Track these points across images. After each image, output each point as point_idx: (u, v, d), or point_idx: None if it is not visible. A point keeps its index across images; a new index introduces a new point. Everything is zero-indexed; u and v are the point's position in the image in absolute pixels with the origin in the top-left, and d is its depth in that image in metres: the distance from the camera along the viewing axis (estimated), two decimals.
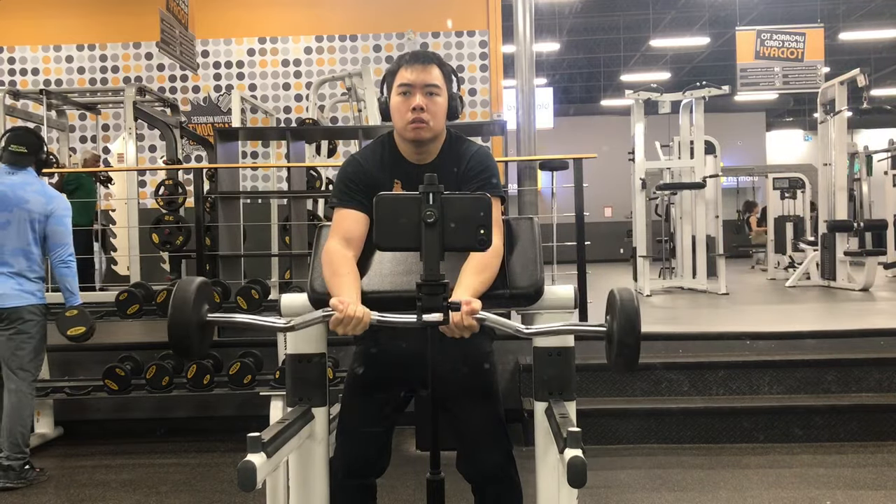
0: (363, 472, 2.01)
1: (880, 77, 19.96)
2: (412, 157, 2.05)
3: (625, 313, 1.66)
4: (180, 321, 1.71)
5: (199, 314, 1.75)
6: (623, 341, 1.66)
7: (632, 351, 1.67)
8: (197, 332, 1.74)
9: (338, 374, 4.08)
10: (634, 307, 1.66)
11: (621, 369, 1.73)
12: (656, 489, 3.51)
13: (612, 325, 1.71)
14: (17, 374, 3.73)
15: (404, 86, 1.97)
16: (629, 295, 1.69)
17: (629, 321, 1.65)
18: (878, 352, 4.51)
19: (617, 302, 1.68)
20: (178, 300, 1.72)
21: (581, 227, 4.86)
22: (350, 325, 1.73)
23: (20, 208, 3.74)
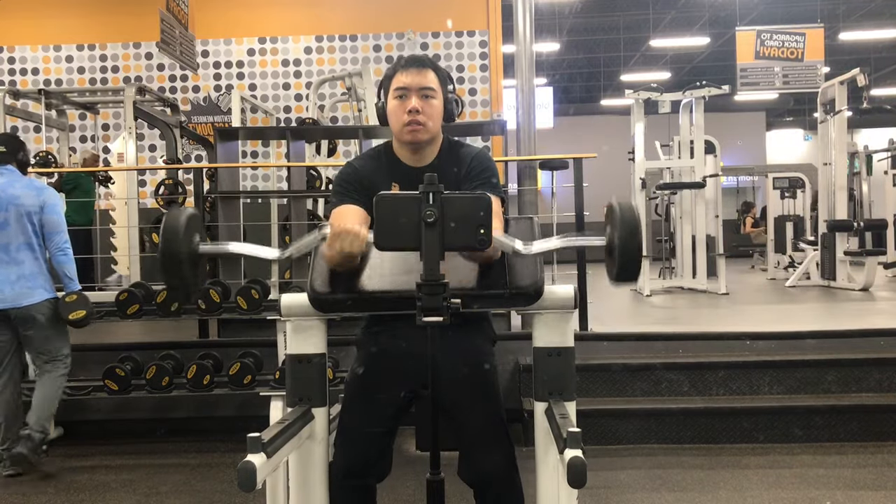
0: (362, 473, 2.00)
1: (880, 77, 19.97)
2: (410, 161, 2.07)
3: (625, 223, 1.66)
4: (171, 253, 1.67)
5: (190, 245, 1.71)
6: (624, 251, 1.66)
7: (633, 261, 1.67)
8: (189, 263, 1.71)
9: (338, 374, 4.08)
10: (634, 217, 1.66)
11: (622, 280, 1.72)
12: (656, 489, 3.51)
13: (612, 237, 1.70)
14: (49, 356, 3.93)
15: (400, 89, 2.00)
16: (628, 205, 1.69)
17: (630, 231, 1.65)
18: (878, 352, 4.51)
19: (617, 213, 1.68)
20: (168, 232, 1.68)
21: (581, 226, 4.86)
22: (347, 240, 1.72)
23: (14, 205, 3.81)
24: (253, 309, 4.31)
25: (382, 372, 2.02)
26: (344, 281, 1.93)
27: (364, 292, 1.91)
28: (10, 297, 3.78)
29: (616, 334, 4.79)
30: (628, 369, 4.39)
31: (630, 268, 1.67)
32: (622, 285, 1.78)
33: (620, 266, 1.67)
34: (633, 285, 8.30)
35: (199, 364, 4.26)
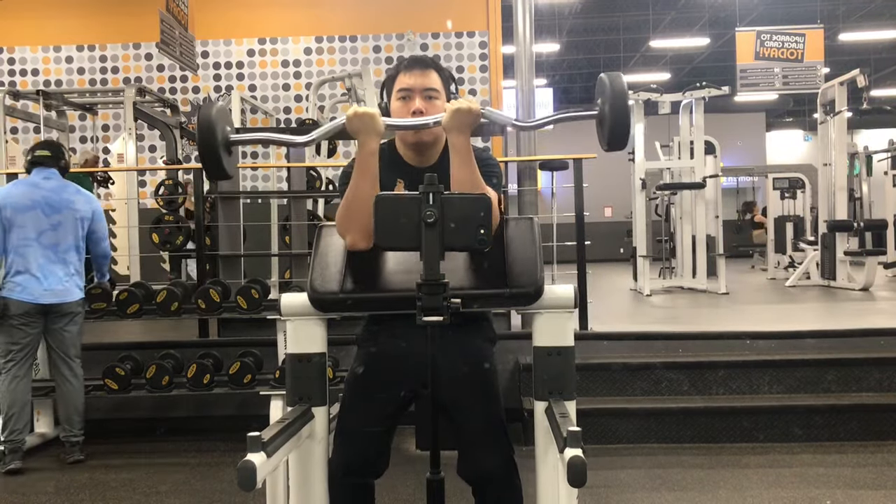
0: (361, 472, 2.00)
1: (880, 77, 19.97)
2: (413, 161, 2.07)
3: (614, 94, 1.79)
4: (209, 142, 1.86)
5: (224, 134, 1.91)
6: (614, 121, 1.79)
7: (622, 129, 1.80)
8: (225, 151, 1.90)
9: (338, 373, 4.08)
10: (622, 88, 1.79)
11: (614, 146, 1.86)
12: (656, 489, 3.51)
13: (603, 108, 1.83)
14: (75, 360, 4.09)
15: (404, 90, 2.00)
16: (617, 77, 1.82)
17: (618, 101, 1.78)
18: (878, 352, 4.51)
19: (606, 85, 1.81)
20: (204, 124, 1.87)
21: (581, 227, 4.86)
22: (366, 119, 1.88)
23: (69, 209, 4.08)
24: (253, 308, 4.31)
25: (382, 371, 2.02)
26: (344, 281, 1.93)
27: (364, 292, 1.91)
28: (60, 292, 3.99)
29: (616, 334, 4.79)
30: (628, 369, 4.39)
31: (620, 133, 1.81)
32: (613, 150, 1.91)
33: (611, 132, 1.80)
34: (633, 284, 8.31)
35: (199, 363, 4.27)
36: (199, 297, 4.31)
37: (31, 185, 4.06)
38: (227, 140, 1.91)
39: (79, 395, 4.08)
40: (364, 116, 1.88)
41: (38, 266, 3.93)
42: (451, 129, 1.88)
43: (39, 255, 3.94)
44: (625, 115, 1.79)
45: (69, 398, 4.05)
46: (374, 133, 1.89)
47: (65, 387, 4.05)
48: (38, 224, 3.96)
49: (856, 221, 8.56)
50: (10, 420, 3.89)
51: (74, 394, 4.06)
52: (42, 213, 3.98)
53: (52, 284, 3.96)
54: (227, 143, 1.91)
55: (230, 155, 1.93)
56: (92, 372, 4.43)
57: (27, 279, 3.92)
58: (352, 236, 1.92)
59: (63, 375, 4.05)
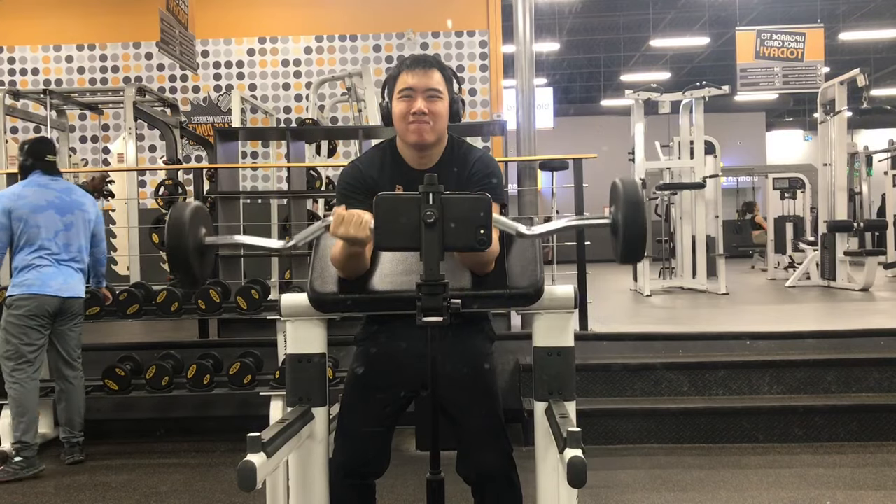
0: (362, 472, 2.00)
1: (880, 77, 19.98)
2: (414, 162, 2.05)
3: (629, 202, 1.66)
4: (178, 246, 1.71)
5: (196, 238, 1.74)
6: (629, 231, 1.67)
7: (638, 240, 1.68)
8: (196, 256, 1.74)
9: (338, 374, 4.08)
10: (638, 196, 1.67)
11: (628, 261, 1.73)
12: (656, 489, 3.51)
13: (616, 217, 1.70)
14: (77, 361, 4.12)
15: (406, 91, 1.97)
16: (633, 183, 1.69)
17: (634, 211, 1.66)
18: (878, 352, 4.51)
19: (620, 192, 1.68)
20: (174, 225, 1.71)
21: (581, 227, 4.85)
22: (352, 223, 1.73)
23: (80, 210, 4.16)
24: (253, 309, 4.31)
25: (382, 372, 2.02)
26: (344, 281, 1.93)
27: (364, 292, 1.91)
28: (73, 286, 4.05)
29: (616, 334, 4.79)
30: (628, 369, 4.39)
31: (636, 246, 1.68)
32: (628, 263, 1.80)
33: (625, 245, 1.68)
34: (633, 285, 8.31)
35: (199, 364, 4.26)
36: (199, 298, 4.31)
37: (42, 185, 4.08)
38: (201, 245, 1.76)
39: (81, 396, 4.10)
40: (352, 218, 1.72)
41: (55, 263, 3.98)
42: None
43: (55, 254, 3.99)
44: (640, 226, 1.66)
45: (72, 399, 4.06)
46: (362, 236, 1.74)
47: (68, 388, 4.06)
48: (53, 224, 4.00)
49: (856, 222, 8.56)
50: (34, 423, 3.89)
51: (77, 395, 4.08)
52: (56, 213, 4.03)
53: (68, 280, 4.02)
54: (201, 247, 1.76)
55: (203, 259, 1.77)
56: (92, 372, 4.43)
57: (44, 275, 3.94)
58: (342, 274, 1.92)
59: (66, 377, 4.06)
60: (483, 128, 7.24)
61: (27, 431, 3.85)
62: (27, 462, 3.85)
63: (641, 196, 1.67)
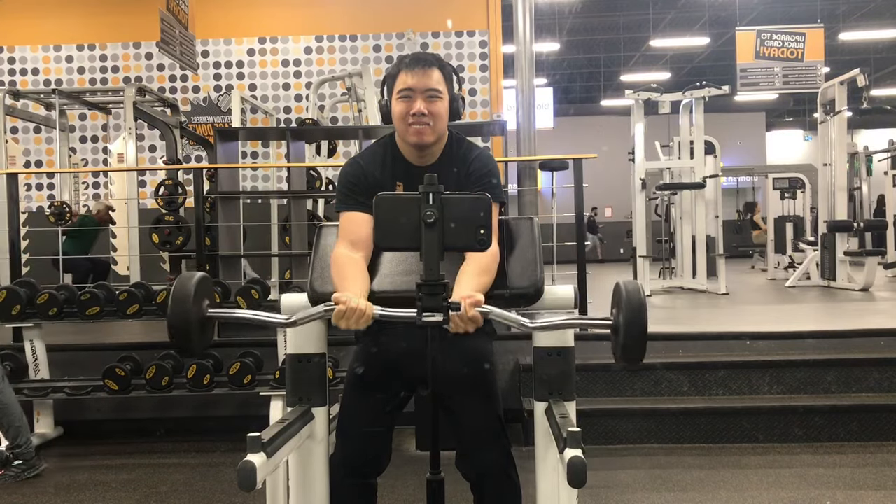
0: (363, 471, 2.00)
1: (880, 77, 19.98)
2: (414, 159, 2.05)
3: (631, 306, 1.65)
4: (181, 317, 1.69)
5: (199, 309, 1.73)
6: (629, 335, 1.65)
7: (638, 344, 1.66)
8: (197, 327, 1.72)
9: (338, 374, 4.08)
10: (640, 300, 1.65)
11: (628, 363, 1.71)
12: (656, 489, 3.51)
13: (618, 319, 1.69)
14: None
15: (405, 91, 1.96)
16: (635, 288, 1.68)
17: (636, 314, 1.64)
18: (878, 352, 4.51)
19: (623, 295, 1.67)
20: (178, 295, 1.69)
21: (581, 227, 4.86)
22: (353, 319, 1.70)
23: None
24: (253, 309, 4.30)
25: (382, 371, 2.02)
26: None
27: None
28: None
29: None
30: (628, 369, 4.39)
31: (636, 348, 1.67)
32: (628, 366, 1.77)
33: (625, 346, 1.66)
34: None
35: (199, 364, 4.26)
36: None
37: None
38: (203, 317, 1.75)
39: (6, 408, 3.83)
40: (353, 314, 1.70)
41: None
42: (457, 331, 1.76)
43: None
44: (641, 330, 1.65)
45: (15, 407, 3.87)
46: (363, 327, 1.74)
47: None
48: None
49: (856, 222, 8.56)
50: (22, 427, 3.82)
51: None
52: None
53: None
54: (202, 319, 1.75)
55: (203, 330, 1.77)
56: (92, 372, 4.43)
57: None
58: None
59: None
60: (483, 128, 7.24)
61: (17, 436, 3.81)
62: (27, 465, 3.83)
63: (644, 300, 1.66)
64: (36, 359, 4.34)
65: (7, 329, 4.57)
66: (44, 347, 4.39)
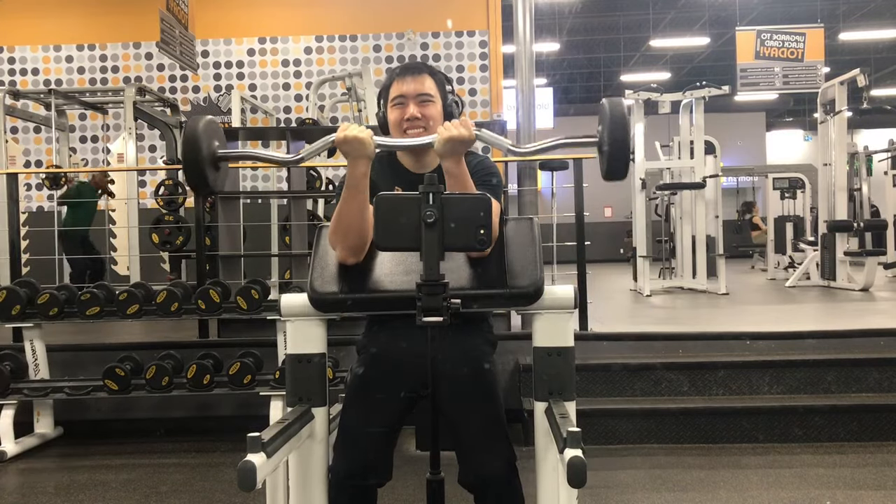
0: (363, 475, 1.99)
1: (880, 77, 19.98)
2: (413, 167, 2.07)
3: (614, 120, 1.75)
4: (193, 156, 1.80)
5: (210, 148, 1.85)
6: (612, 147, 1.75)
7: (622, 155, 1.76)
8: (211, 166, 1.84)
9: (338, 374, 4.08)
10: (623, 114, 1.76)
11: (613, 175, 1.82)
12: (656, 489, 3.51)
13: (602, 135, 1.79)
14: None
15: (398, 98, 2.01)
16: (618, 103, 1.79)
17: (617, 128, 1.74)
18: (878, 352, 4.51)
19: (606, 110, 1.77)
20: (189, 137, 1.81)
21: (581, 227, 4.85)
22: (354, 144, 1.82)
23: None
24: (253, 309, 4.31)
25: (382, 372, 2.02)
26: (344, 281, 1.93)
27: (364, 292, 1.91)
28: None
29: (616, 334, 4.79)
30: (628, 369, 4.39)
31: (620, 162, 1.77)
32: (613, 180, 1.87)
33: (609, 161, 1.77)
34: (633, 285, 8.31)
35: (199, 364, 4.26)
36: (199, 298, 4.31)
37: None
38: (214, 155, 1.85)
39: None
40: (353, 141, 1.82)
41: None
42: (444, 154, 1.84)
43: None
44: (624, 143, 1.74)
45: None
46: (365, 156, 1.85)
47: None
48: None
49: (856, 222, 8.56)
50: None
51: None
52: None
53: None
54: (214, 157, 1.85)
55: (217, 170, 1.87)
56: (92, 372, 4.43)
57: None
58: (341, 252, 1.93)
59: None
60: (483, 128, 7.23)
61: None
62: None
63: (626, 115, 1.78)
64: (36, 359, 4.35)
65: (7, 329, 4.57)
66: (44, 347, 4.39)
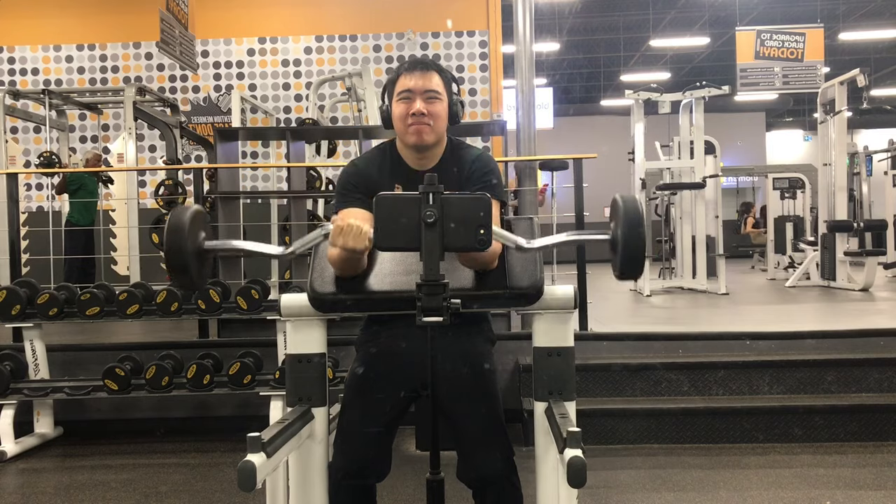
0: (362, 473, 2.00)
1: (880, 77, 19.98)
2: (414, 163, 2.06)
3: (628, 218, 1.66)
4: (177, 249, 1.68)
5: (195, 241, 1.72)
6: (627, 247, 1.66)
7: (636, 256, 1.67)
8: (195, 260, 1.71)
9: (338, 374, 4.08)
10: (638, 211, 1.67)
11: (626, 276, 1.72)
12: (656, 489, 3.51)
13: (615, 232, 1.69)
14: None
15: (405, 93, 1.99)
16: (632, 200, 1.69)
17: (633, 227, 1.65)
18: (878, 352, 4.51)
19: (620, 207, 1.68)
20: (173, 228, 1.69)
21: (581, 227, 4.85)
22: (350, 235, 1.72)
23: None
24: (253, 309, 4.31)
25: (382, 372, 2.02)
26: (344, 281, 1.93)
27: (364, 292, 1.91)
28: None
29: (616, 334, 4.79)
30: (628, 369, 4.39)
31: (634, 263, 1.67)
32: (626, 280, 1.79)
33: (623, 261, 1.67)
34: (632, 285, 8.31)
35: (199, 364, 4.26)
36: (199, 298, 4.31)
37: None
38: (200, 248, 1.74)
39: None
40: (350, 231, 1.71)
41: None
42: None
43: None
44: (640, 243, 1.65)
45: None
46: (361, 247, 1.74)
47: None
48: None
49: (855, 222, 8.56)
50: None
51: None
52: None
53: None
54: (200, 251, 1.74)
55: (202, 264, 1.76)
56: (92, 372, 4.43)
57: None
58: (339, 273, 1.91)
59: None
60: (483, 128, 7.24)
61: None
62: None
63: (642, 213, 1.67)
64: (36, 359, 4.35)
65: (7, 329, 4.57)
66: (44, 347, 4.39)
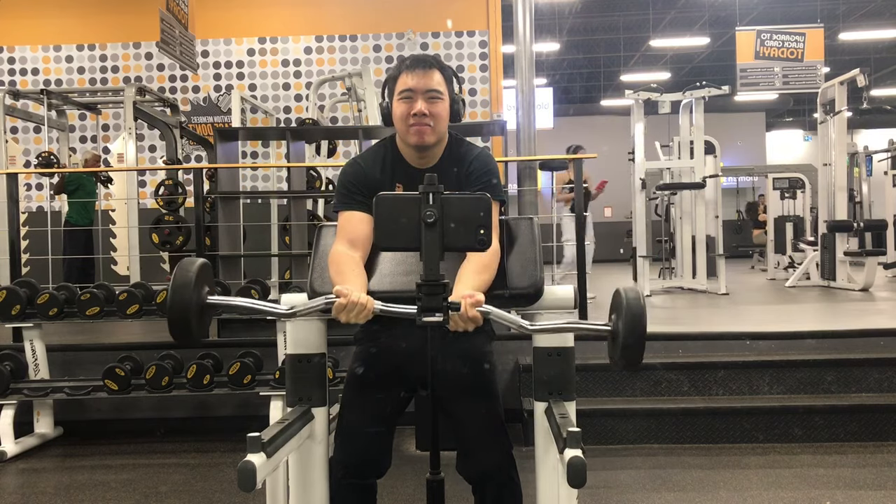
0: (362, 472, 2.00)
1: (880, 77, 19.98)
2: (414, 161, 2.06)
3: (631, 313, 1.64)
4: (180, 304, 1.66)
5: (199, 296, 1.71)
6: (627, 341, 1.65)
7: (636, 351, 1.66)
8: (197, 314, 1.70)
9: (338, 374, 4.08)
10: (640, 307, 1.65)
11: (624, 368, 1.71)
12: (656, 489, 3.51)
13: (616, 324, 1.69)
14: None
15: (406, 92, 1.98)
16: (635, 294, 1.68)
17: (635, 321, 1.64)
18: (878, 352, 4.51)
19: (623, 301, 1.67)
20: (179, 282, 1.67)
21: (581, 226, 4.86)
22: (353, 312, 1.70)
23: None
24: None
25: (381, 371, 2.02)
26: None
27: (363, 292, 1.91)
28: None
29: None
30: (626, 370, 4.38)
31: (633, 354, 1.66)
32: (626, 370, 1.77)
33: (623, 352, 1.66)
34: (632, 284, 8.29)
35: (199, 364, 4.26)
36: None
37: None
38: (203, 303, 1.72)
39: None
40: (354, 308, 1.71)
41: None
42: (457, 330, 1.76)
43: None
44: (641, 337, 1.65)
45: None
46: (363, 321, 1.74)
47: None
48: None
49: (855, 222, 8.56)
50: None
51: None
52: None
53: None
54: (203, 306, 1.72)
55: (202, 318, 1.73)
56: (92, 372, 4.43)
57: None
58: None
59: None
60: (483, 128, 7.24)
61: None
62: None
63: (643, 306, 1.66)
64: (36, 359, 4.35)
65: (7, 329, 4.57)
66: (44, 347, 4.39)
